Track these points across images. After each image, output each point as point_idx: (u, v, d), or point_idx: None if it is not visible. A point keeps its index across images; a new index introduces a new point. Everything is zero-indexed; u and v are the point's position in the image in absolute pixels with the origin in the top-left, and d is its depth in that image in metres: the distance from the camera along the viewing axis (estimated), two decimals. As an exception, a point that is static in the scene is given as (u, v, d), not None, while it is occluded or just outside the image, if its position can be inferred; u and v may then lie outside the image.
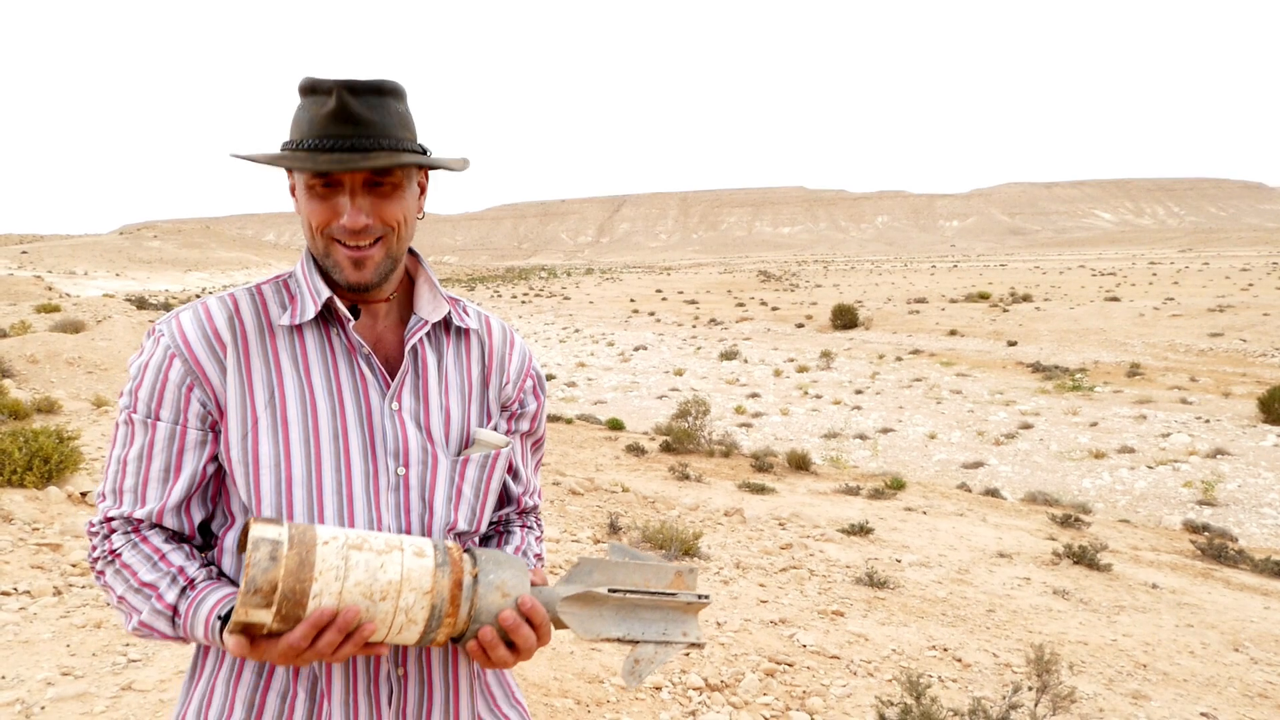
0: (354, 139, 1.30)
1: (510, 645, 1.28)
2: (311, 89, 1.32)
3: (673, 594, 1.34)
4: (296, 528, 1.15)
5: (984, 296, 66.60)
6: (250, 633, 1.14)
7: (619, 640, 1.31)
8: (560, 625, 1.31)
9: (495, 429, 1.53)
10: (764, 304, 73.11)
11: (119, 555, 1.32)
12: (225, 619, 1.24)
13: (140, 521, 1.35)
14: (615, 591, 1.31)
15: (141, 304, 34.77)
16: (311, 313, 1.37)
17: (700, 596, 1.35)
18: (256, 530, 1.12)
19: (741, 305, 73.34)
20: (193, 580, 1.30)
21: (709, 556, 7.94)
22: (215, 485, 1.39)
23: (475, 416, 1.50)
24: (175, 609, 1.28)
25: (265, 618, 1.11)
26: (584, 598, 1.31)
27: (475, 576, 1.25)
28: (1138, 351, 39.30)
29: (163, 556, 1.31)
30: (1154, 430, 24.37)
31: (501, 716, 1.57)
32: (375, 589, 1.16)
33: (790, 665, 5.24)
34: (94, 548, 1.36)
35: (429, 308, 1.48)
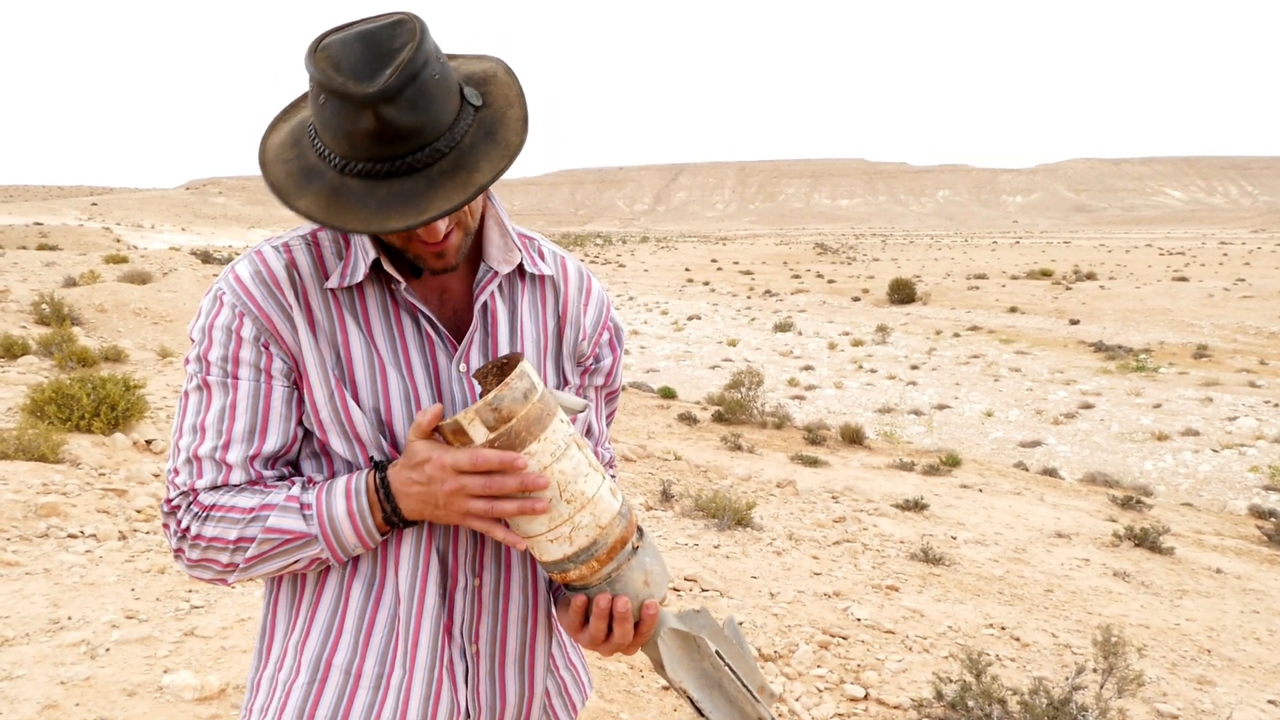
0: (408, 156, 1.11)
1: (608, 629, 1.24)
2: (334, 93, 1.08)
3: (756, 700, 1.32)
4: (550, 391, 1.19)
5: (1046, 274, 65.28)
6: (448, 440, 1.16)
7: (690, 701, 1.29)
8: (650, 651, 1.30)
9: (568, 387, 1.44)
10: (820, 276, 72.44)
11: (212, 507, 1.23)
12: (379, 469, 1.22)
13: (237, 486, 1.26)
14: (718, 662, 1.29)
15: (206, 258, 35.41)
16: (360, 274, 1.26)
17: None
18: (528, 366, 1.15)
19: (797, 277, 72.75)
20: (310, 479, 1.25)
21: (761, 527, 7.89)
22: (298, 454, 1.32)
23: (551, 372, 1.40)
24: (301, 501, 1.21)
25: (480, 434, 1.12)
26: (687, 641, 1.28)
27: (636, 548, 1.24)
28: (1205, 333, 38.29)
29: (266, 484, 1.25)
30: (1220, 413, 23.78)
31: (560, 679, 1.52)
32: (569, 489, 1.16)
33: (844, 638, 5.18)
34: (176, 521, 1.24)
35: (499, 255, 1.34)
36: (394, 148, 1.10)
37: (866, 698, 4.43)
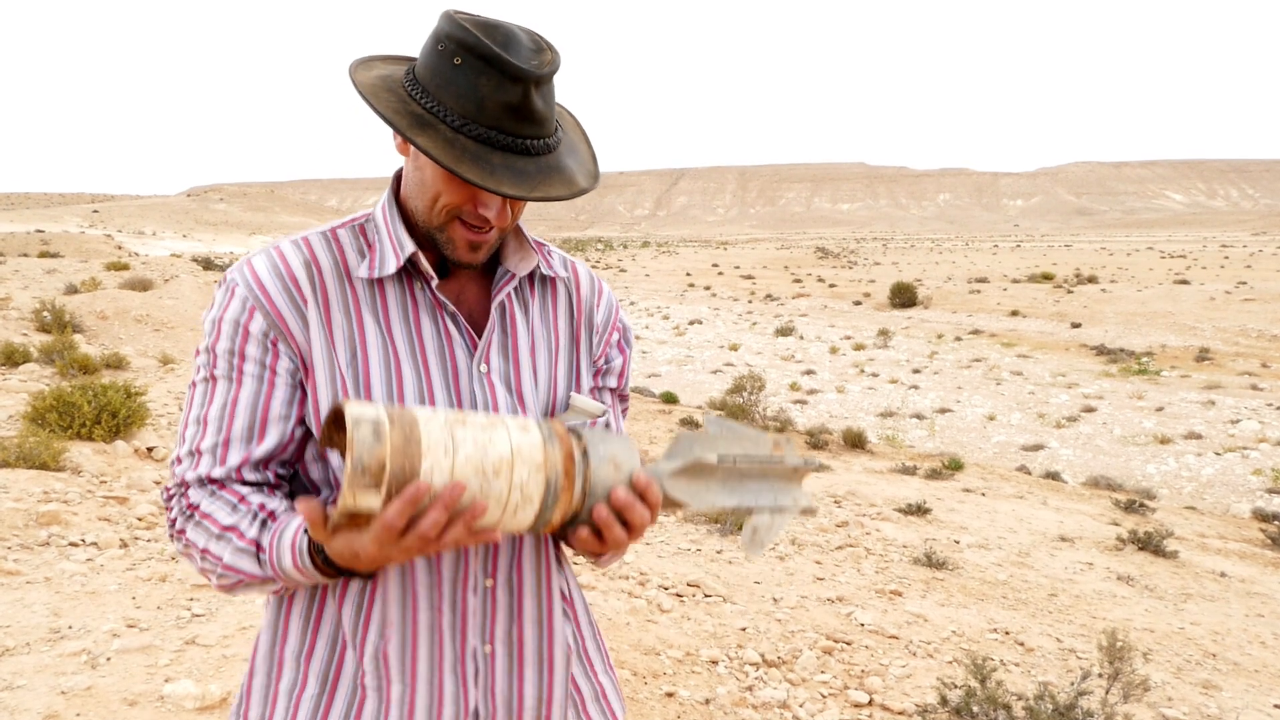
0: (529, 139, 1.20)
1: (624, 524, 1.18)
2: (487, 59, 1.15)
3: (780, 459, 1.29)
4: (392, 407, 1.07)
5: (1048, 277, 65.27)
6: (353, 525, 1.07)
7: (733, 510, 1.26)
8: (670, 503, 1.24)
9: (582, 387, 1.44)
10: (821, 281, 72.43)
11: (197, 508, 1.24)
12: (313, 542, 1.16)
13: (220, 480, 1.26)
14: (725, 459, 1.25)
15: (207, 265, 35.47)
16: (392, 267, 1.27)
17: (806, 462, 1.31)
18: (354, 409, 1.02)
19: (798, 281, 72.73)
20: (273, 512, 1.22)
21: (764, 531, 7.86)
22: (297, 452, 1.31)
23: (564, 375, 1.41)
24: (258, 544, 1.20)
25: (374, 502, 1.03)
26: (692, 470, 1.24)
27: (584, 450, 1.17)
28: (1207, 336, 38.24)
29: (242, 499, 1.24)
30: (1222, 416, 23.75)
31: (598, 685, 1.49)
32: (488, 464, 1.08)
33: (848, 644, 5.16)
34: (170, 509, 1.28)
35: (516, 258, 1.37)
36: (521, 126, 1.18)
37: (871, 703, 4.41)
